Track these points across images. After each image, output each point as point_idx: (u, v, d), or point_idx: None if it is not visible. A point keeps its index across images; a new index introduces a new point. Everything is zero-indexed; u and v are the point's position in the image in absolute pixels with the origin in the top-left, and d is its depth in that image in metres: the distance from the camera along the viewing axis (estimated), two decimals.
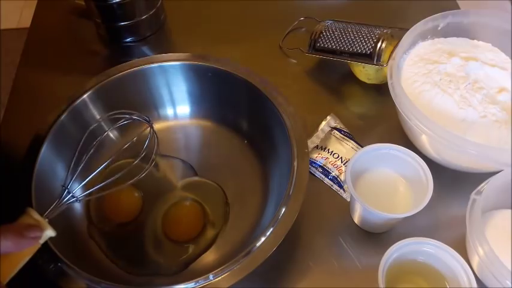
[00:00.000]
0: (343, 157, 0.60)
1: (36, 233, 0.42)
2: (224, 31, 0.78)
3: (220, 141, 0.63)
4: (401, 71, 0.59)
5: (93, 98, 0.59)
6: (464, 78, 0.56)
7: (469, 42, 0.62)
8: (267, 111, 0.57)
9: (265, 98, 0.57)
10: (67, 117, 0.56)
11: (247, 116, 0.63)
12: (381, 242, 0.54)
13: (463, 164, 0.55)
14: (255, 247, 0.46)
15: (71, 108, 0.57)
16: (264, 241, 0.46)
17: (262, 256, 0.45)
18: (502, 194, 0.53)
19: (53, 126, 0.55)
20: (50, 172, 0.54)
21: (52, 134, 0.54)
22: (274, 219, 0.47)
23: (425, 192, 0.49)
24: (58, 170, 0.55)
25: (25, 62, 0.74)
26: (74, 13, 0.80)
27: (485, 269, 0.47)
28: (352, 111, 0.67)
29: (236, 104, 0.62)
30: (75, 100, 0.57)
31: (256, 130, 0.61)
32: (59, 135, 0.55)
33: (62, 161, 0.55)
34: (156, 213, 0.57)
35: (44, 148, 0.53)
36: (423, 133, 0.52)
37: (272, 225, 0.47)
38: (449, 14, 0.61)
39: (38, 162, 0.52)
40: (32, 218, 0.43)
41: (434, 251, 0.47)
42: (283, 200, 0.49)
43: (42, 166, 0.52)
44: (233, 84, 0.60)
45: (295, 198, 0.49)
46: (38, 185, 0.51)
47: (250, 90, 0.58)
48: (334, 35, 0.66)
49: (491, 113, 0.54)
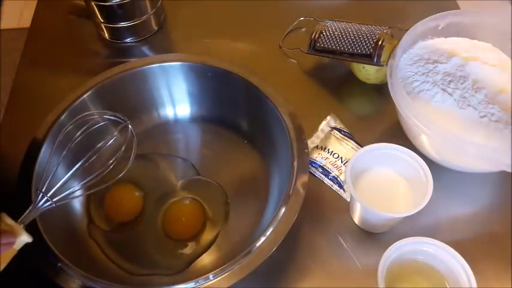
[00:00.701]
0: (343, 157, 0.60)
1: (9, 239, 0.41)
2: (224, 31, 0.78)
3: (220, 141, 0.63)
4: (401, 71, 0.59)
5: (93, 99, 0.58)
6: (464, 78, 0.56)
7: (469, 42, 0.62)
8: (267, 111, 0.57)
9: (265, 97, 0.57)
10: (67, 118, 0.56)
11: (247, 115, 0.63)
12: (381, 242, 0.54)
13: (463, 163, 0.55)
14: (255, 247, 0.46)
15: (70, 109, 0.56)
16: (264, 241, 0.46)
17: (262, 256, 0.45)
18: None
19: (52, 127, 0.55)
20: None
21: (52, 134, 0.54)
22: (274, 219, 0.47)
23: (425, 192, 0.49)
24: (58, 170, 0.55)
25: (25, 62, 0.74)
26: (74, 13, 0.80)
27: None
28: (352, 111, 0.67)
29: (236, 104, 0.62)
30: (75, 100, 0.57)
31: (256, 130, 0.62)
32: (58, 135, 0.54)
33: (62, 162, 0.55)
34: (156, 212, 0.57)
35: (44, 149, 0.53)
36: (423, 133, 0.52)
37: (272, 225, 0.47)
38: (449, 14, 0.61)
39: (37, 164, 0.52)
40: (5, 223, 0.42)
41: (434, 251, 0.47)
42: (283, 200, 0.49)
43: (41, 167, 0.52)
44: (233, 84, 0.60)
45: (295, 198, 0.49)
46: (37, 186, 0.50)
47: (250, 90, 0.58)
48: (334, 35, 0.66)
49: (491, 113, 0.54)
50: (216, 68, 0.60)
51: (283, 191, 0.50)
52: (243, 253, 0.45)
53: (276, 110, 0.56)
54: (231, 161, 0.61)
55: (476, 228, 0.56)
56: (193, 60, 0.61)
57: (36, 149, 0.53)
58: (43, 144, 0.53)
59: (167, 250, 0.55)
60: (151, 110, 0.64)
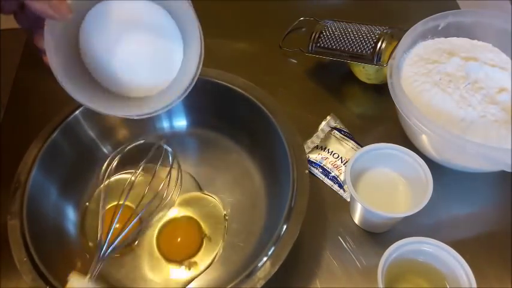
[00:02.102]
0: (343, 157, 0.60)
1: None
2: (224, 31, 0.78)
3: (217, 154, 0.61)
4: (401, 71, 0.59)
5: (86, 114, 0.56)
6: (464, 78, 0.56)
7: (469, 42, 0.62)
8: (267, 127, 0.55)
9: (265, 114, 0.55)
10: (59, 135, 0.54)
11: (246, 129, 0.60)
12: (381, 242, 0.54)
13: (463, 163, 0.55)
14: (257, 267, 0.44)
15: (63, 126, 0.55)
16: (265, 261, 0.44)
17: (264, 277, 0.44)
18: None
19: (44, 145, 0.53)
20: (41, 193, 0.52)
21: (43, 152, 0.52)
22: (276, 238, 0.46)
23: (425, 192, 0.49)
24: (50, 190, 0.53)
25: (25, 63, 0.74)
26: None
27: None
28: (352, 111, 0.67)
29: (234, 117, 0.60)
30: (67, 116, 0.55)
31: (255, 143, 0.59)
32: (51, 154, 0.53)
33: (53, 181, 0.54)
34: (151, 231, 0.55)
35: (35, 169, 0.51)
36: (423, 133, 0.52)
37: (273, 244, 0.45)
38: (449, 14, 0.61)
39: (29, 184, 0.50)
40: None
41: (434, 250, 0.47)
42: (284, 218, 0.47)
43: (34, 188, 0.50)
44: (230, 97, 0.58)
45: (296, 216, 0.47)
46: (30, 206, 0.49)
47: (248, 103, 0.56)
48: (334, 35, 0.66)
49: (491, 113, 0.54)
50: (213, 81, 0.58)
51: (283, 208, 0.48)
52: (242, 276, 0.44)
53: (276, 128, 0.54)
54: (229, 174, 0.59)
55: (476, 228, 0.56)
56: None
57: (28, 169, 0.51)
58: (34, 164, 0.52)
59: (163, 272, 0.52)
60: (147, 123, 0.61)
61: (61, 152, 0.55)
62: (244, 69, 0.68)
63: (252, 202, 0.57)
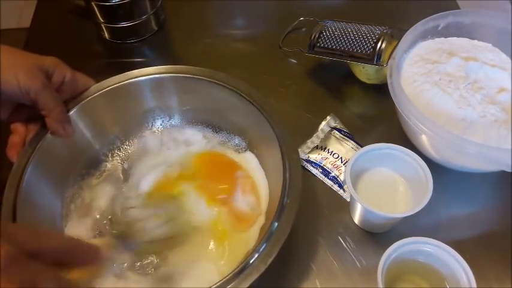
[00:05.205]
0: (343, 157, 0.60)
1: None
2: (224, 31, 0.78)
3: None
4: (401, 71, 0.59)
5: (80, 114, 0.56)
6: (464, 78, 0.56)
7: (469, 42, 0.62)
8: (259, 124, 0.54)
9: (260, 113, 0.54)
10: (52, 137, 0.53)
11: (240, 128, 0.59)
12: (381, 242, 0.54)
13: (463, 163, 0.55)
14: (248, 264, 0.44)
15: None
16: (256, 257, 0.44)
17: (255, 273, 0.43)
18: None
19: (38, 145, 0.52)
20: (36, 194, 0.51)
21: (38, 153, 0.52)
22: (267, 234, 0.45)
23: (425, 192, 0.49)
24: (45, 191, 0.53)
25: None
26: (74, 13, 0.81)
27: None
28: (352, 111, 0.67)
29: (228, 117, 0.59)
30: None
31: (248, 141, 0.59)
32: (45, 154, 0.52)
33: (48, 182, 0.53)
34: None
35: (29, 169, 0.50)
36: (423, 133, 0.52)
37: (265, 241, 0.45)
38: (449, 14, 0.61)
39: (22, 185, 0.49)
40: None
41: (434, 251, 0.47)
42: (275, 215, 0.47)
43: (27, 188, 0.49)
44: (224, 96, 0.57)
45: (288, 212, 0.47)
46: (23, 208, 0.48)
47: (242, 103, 0.56)
48: (334, 35, 0.66)
49: (491, 113, 0.54)
50: (207, 80, 0.57)
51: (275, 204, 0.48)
52: (233, 272, 0.43)
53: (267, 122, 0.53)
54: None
55: (476, 228, 0.56)
56: (183, 72, 0.58)
57: (21, 170, 0.50)
58: (28, 164, 0.51)
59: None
60: (142, 123, 0.61)
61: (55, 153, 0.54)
62: (244, 69, 0.69)
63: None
